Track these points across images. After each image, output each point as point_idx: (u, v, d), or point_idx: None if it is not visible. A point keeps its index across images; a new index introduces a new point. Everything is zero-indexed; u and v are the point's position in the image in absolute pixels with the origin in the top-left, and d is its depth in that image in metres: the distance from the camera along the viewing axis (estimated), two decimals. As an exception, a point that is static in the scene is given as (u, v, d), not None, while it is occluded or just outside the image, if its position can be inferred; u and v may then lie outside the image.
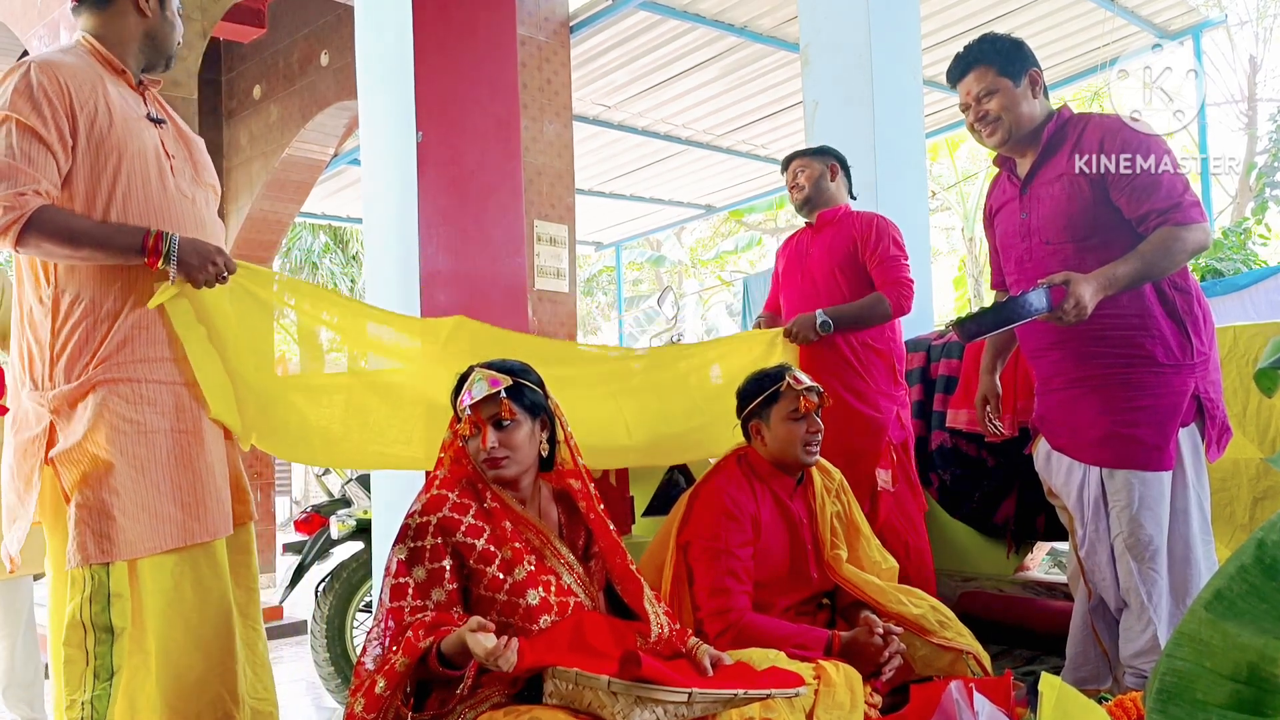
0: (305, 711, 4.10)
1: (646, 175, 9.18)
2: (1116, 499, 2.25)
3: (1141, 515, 2.21)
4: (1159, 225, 2.19)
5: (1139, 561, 2.22)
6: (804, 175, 3.24)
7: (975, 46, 2.41)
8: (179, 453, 1.99)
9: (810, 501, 2.55)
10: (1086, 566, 2.36)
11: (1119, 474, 2.24)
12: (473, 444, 1.97)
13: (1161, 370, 2.23)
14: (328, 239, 16.18)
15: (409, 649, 1.71)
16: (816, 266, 3.20)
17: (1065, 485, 2.37)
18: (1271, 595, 1.17)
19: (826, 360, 3.08)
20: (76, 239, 1.85)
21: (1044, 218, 2.34)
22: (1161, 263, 2.18)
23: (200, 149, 2.17)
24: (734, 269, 18.65)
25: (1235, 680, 1.16)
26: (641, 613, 1.99)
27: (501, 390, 1.95)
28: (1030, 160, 2.40)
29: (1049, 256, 2.33)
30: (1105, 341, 2.25)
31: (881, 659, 2.25)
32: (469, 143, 3.13)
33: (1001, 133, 2.38)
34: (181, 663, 1.97)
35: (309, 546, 4.11)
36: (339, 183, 8.78)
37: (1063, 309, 2.11)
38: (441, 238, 3.02)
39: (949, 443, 3.34)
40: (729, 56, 6.81)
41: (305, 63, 6.83)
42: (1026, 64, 2.36)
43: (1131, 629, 2.27)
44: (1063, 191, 2.30)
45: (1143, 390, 2.23)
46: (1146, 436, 2.22)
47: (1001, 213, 2.51)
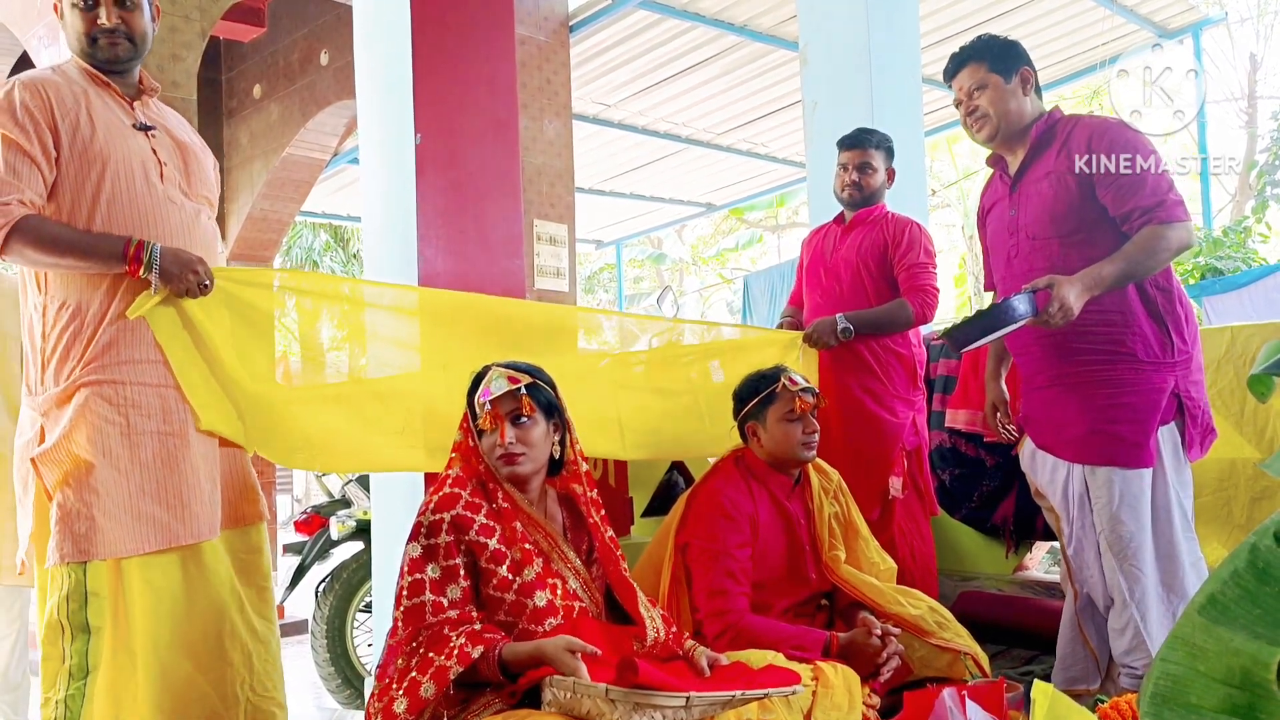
0: (306, 711, 4.11)
1: (647, 174, 9.18)
2: (1098, 496, 2.26)
3: (1121, 512, 2.23)
4: (1143, 223, 2.20)
5: (1120, 559, 2.23)
6: (869, 176, 3.12)
7: (970, 44, 2.44)
8: (164, 455, 2.00)
9: (808, 502, 2.55)
10: (1074, 565, 2.37)
11: (1100, 471, 2.25)
12: (488, 440, 2.00)
13: (1142, 367, 2.24)
14: (328, 237, 16.19)
15: (462, 656, 1.73)
16: (843, 265, 3.14)
17: (1050, 483, 2.38)
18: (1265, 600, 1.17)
19: (846, 362, 3.05)
20: (59, 247, 1.90)
21: (1031, 214, 2.35)
22: (1147, 262, 2.19)
23: (196, 158, 2.17)
24: (735, 266, 18.64)
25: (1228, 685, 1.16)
26: (637, 617, 2.00)
27: (521, 387, 1.99)
28: (1019, 158, 2.41)
29: (1035, 253, 2.34)
30: (1087, 339, 2.26)
31: (880, 660, 2.25)
32: (468, 143, 3.13)
33: (989, 128, 2.40)
34: (168, 662, 1.98)
35: (309, 547, 4.12)
36: (339, 181, 8.79)
37: (1048, 312, 2.12)
38: (440, 238, 3.02)
39: (948, 443, 3.35)
40: (728, 55, 6.81)
41: (305, 62, 6.83)
42: (1018, 62, 2.39)
43: (1117, 627, 2.28)
44: (1050, 189, 2.31)
45: (1123, 387, 2.24)
46: (1127, 433, 2.23)
47: (993, 212, 2.52)
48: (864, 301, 3.08)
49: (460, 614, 1.85)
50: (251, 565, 2.20)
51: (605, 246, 12.43)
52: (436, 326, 2.57)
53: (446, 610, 1.85)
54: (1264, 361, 1.22)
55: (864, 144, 3.14)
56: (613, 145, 8.28)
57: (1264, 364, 1.22)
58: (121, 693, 1.93)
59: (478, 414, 2.01)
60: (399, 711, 1.73)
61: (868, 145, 3.13)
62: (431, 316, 2.58)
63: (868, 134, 3.16)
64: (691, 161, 8.89)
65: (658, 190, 9.80)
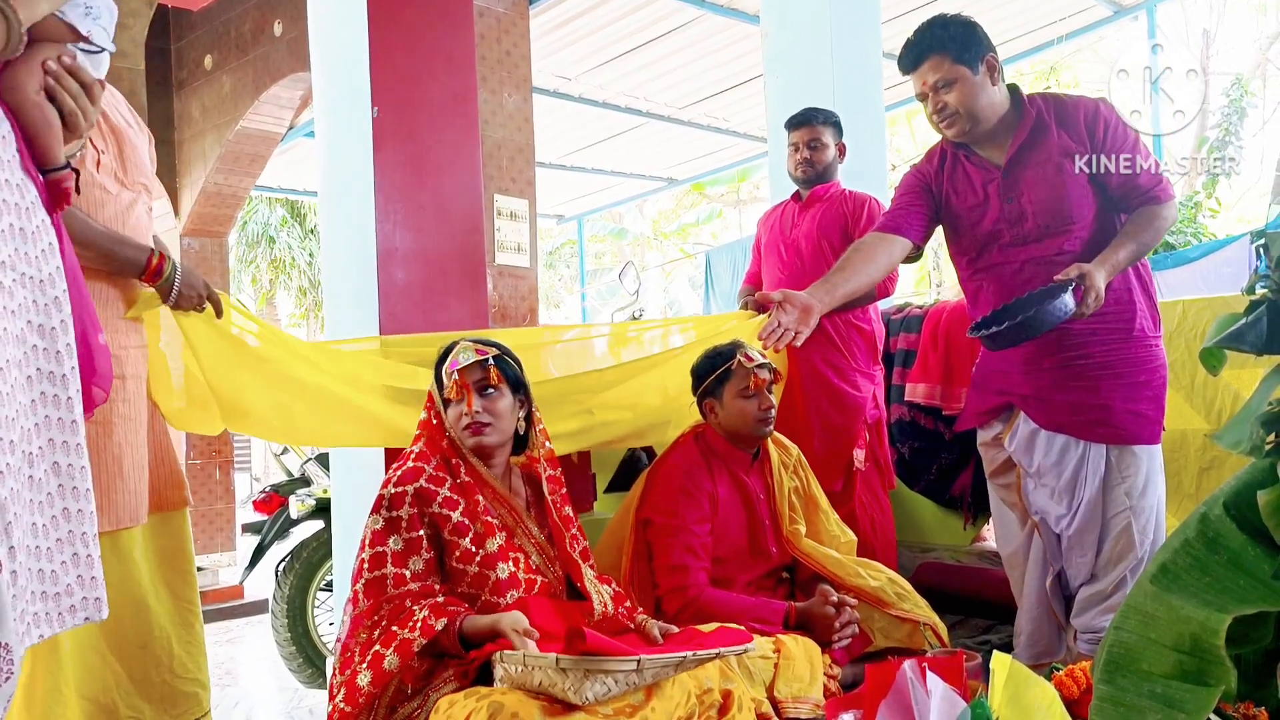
0: (266, 691, 4.08)
1: (608, 148, 9.12)
2: (1125, 475, 2.27)
3: (1149, 488, 2.27)
4: (1141, 204, 2.23)
5: (1141, 534, 2.25)
6: (820, 152, 3.16)
7: (927, 33, 2.32)
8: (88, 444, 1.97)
9: (767, 477, 2.57)
10: (1068, 544, 2.36)
11: (1127, 450, 2.27)
12: (454, 410, 2.00)
13: (1150, 344, 2.29)
14: (285, 212, 15.95)
15: (425, 628, 1.75)
16: (805, 240, 3.17)
17: (1056, 465, 2.33)
18: (1214, 568, 1.20)
19: (811, 336, 3.07)
20: (82, 241, 1.85)
21: (1039, 202, 2.31)
22: (1150, 241, 2.23)
23: (131, 143, 2.09)
24: (696, 241, 18.64)
25: (1179, 651, 1.19)
26: (585, 593, 2.03)
27: (489, 358, 2.02)
28: (1000, 147, 2.37)
29: (1046, 240, 2.31)
30: (1096, 319, 2.23)
31: (835, 628, 2.28)
32: (426, 117, 3.08)
33: (960, 126, 2.34)
34: (89, 651, 1.95)
35: (268, 526, 4.08)
36: (296, 155, 8.63)
37: (1085, 303, 2.12)
38: (399, 214, 2.98)
39: (907, 416, 3.38)
40: (689, 29, 6.76)
41: (258, 32, 6.68)
42: (982, 49, 2.30)
43: (1102, 594, 2.31)
44: (1056, 174, 2.29)
45: (1140, 366, 2.27)
46: (1149, 411, 2.27)
47: (965, 197, 2.45)
48: None
49: (422, 586, 1.86)
50: (174, 550, 2.17)
51: (567, 222, 12.35)
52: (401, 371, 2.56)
53: (409, 582, 1.85)
54: (1215, 335, 1.24)
55: (812, 121, 3.18)
56: (573, 119, 8.21)
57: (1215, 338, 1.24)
58: (49, 683, 1.89)
59: (444, 384, 2.01)
60: (363, 685, 1.73)
61: (815, 122, 3.18)
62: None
63: (814, 112, 3.20)
64: (653, 136, 8.85)
65: (619, 165, 9.75)
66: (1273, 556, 1.16)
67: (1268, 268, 1.29)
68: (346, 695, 1.74)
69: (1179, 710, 1.12)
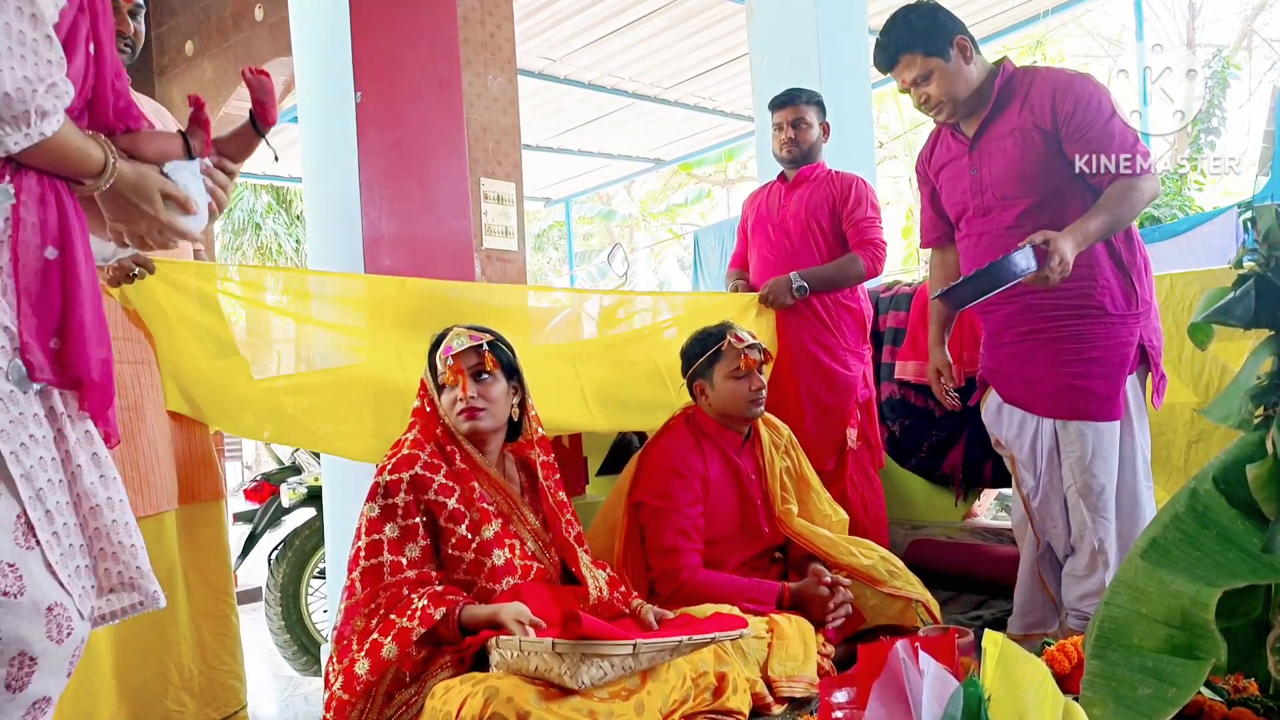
0: (261, 679, 4.08)
1: (594, 129, 9.08)
2: (1070, 450, 2.29)
3: (1094, 465, 2.26)
4: (1116, 177, 2.21)
5: (1092, 510, 2.27)
6: (804, 131, 3.16)
7: (894, 32, 2.35)
8: (121, 429, 1.97)
9: (759, 458, 2.57)
10: (1038, 516, 2.40)
11: (1072, 425, 2.28)
12: (449, 395, 2.00)
13: (1111, 321, 2.27)
14: (270, 199, 15.83)
15: (424, 618, 1.75)
16: (793, 221, 3.17)
17: (1018, 437, 2.39)
18: (1204, 543, 1.21)
19: (801, 316, 3.09)
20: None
21: (997, 174, 2.34)
22: (1125, 214, 2.21)
23: None
24: (685, 222, 18.59)
25: (1169, 625, 1.20)
26: (580, 577, 2.03)
27: (484, 343, 2.01)
28: (977, 119, 2.39)
29: (1004, 211, 2.33)
30: (1056, 293, 2.26)
31: (829, 608, 2.30)
32: (410, 101, 3.06)
33: (947, 111, 2.38)
34: (124, 634, 1.97)
35: (260, 515, 4.07)
36: (280, 141, 8.54)
37: (1049, 267, 2.11)
38: (384, 200, 2.96)
39: (897, 394, 3.39)
40: (675, 8, 6.72)
41: (239, 17, 6.60)
42: (950, 32, 2.32)
43: (1078, 573, 2.33)
44: (1015, 146, 2.30)
45: (1094, 342, 2.27)
46: (1099, 388, 2.26)
47: (946, 170, 2.50)
48: (814, 257, 3.12)
49: (419, 574, 1.85)
50: (209, 540, 2.18)
51: (554, 204, 12.30)
52: (383, 314, 2.54)
53: (405, 570, 1.85)
54: (1203, 310, 1.25)
55: (795, 101, 3.18)
56: (559, 101, 8.16)
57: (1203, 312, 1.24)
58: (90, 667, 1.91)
59: (439, 370, 2.01)
60: (360, 673, 1.73)
61: (798, 102, 3.17)
62: (377, 304, 2.55)
63: (797, 92, 3.20)
64: (639, 116, 8.81)
65: (606, 146, 9.71)
66: (1262, 530, 1.16)
67: (1255, 241, 1.30)
68: (344, 683, 1.74)
69: (1170, 684, 1.13)
